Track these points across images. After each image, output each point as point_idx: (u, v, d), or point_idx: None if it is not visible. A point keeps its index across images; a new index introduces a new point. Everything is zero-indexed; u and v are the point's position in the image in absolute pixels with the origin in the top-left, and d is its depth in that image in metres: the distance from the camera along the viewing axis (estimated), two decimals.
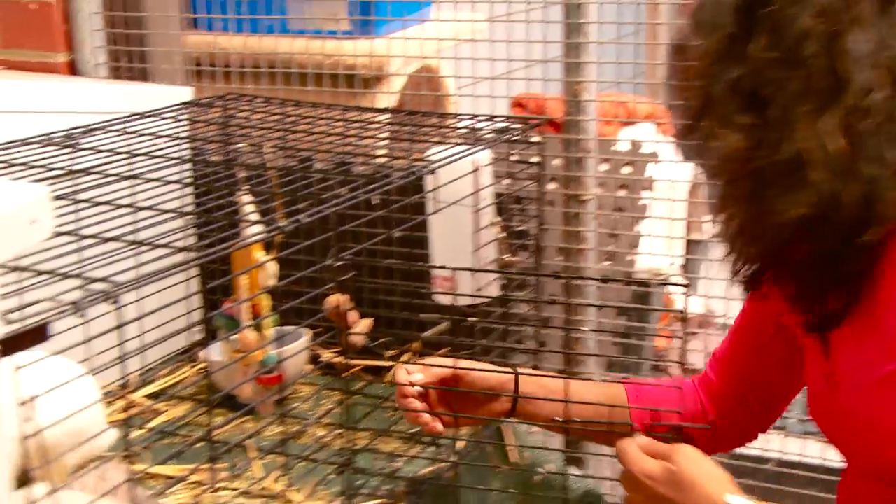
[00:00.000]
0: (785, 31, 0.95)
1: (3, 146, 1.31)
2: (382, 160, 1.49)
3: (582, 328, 1.76)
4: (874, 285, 0.98)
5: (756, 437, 1.28)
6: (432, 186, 1.41)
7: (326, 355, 1.65)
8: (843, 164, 0.93)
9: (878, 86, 0.93)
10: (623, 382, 1.26)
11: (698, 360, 1.89)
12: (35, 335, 0.62)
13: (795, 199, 0.94)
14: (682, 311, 1.12)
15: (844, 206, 0.94)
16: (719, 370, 1.24)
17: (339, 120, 1.58)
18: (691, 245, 2.20)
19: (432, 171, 1.31)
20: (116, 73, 1.99)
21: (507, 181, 1.63)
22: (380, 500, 1.28)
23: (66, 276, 0.78)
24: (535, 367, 1.52)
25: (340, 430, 1.35)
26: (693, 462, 1.02)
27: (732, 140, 0.97)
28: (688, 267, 2.14)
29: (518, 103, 3.28)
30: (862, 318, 1.00)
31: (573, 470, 1.62)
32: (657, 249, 1.95)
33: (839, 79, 0.93)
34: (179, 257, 0.92)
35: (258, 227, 1.33)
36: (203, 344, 1.68)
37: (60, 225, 0.73)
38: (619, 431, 1.14)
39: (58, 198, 1.00)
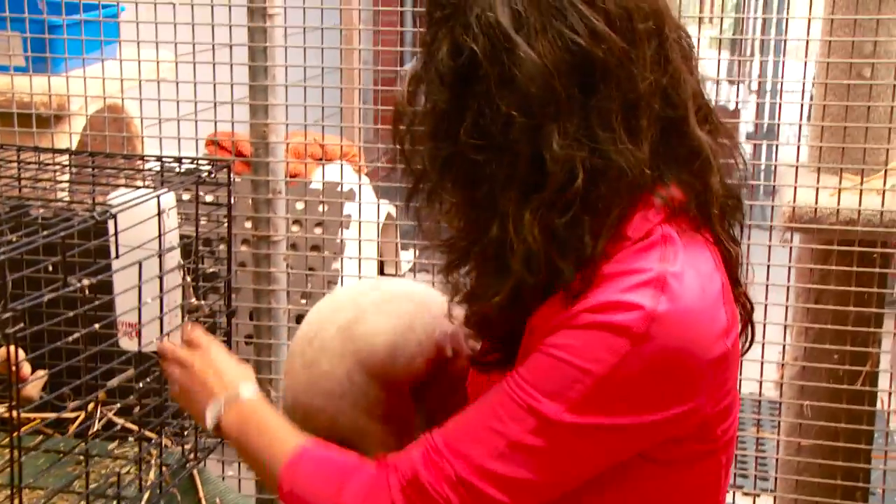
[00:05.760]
0: (491, 116, 0.92)
1: None
2: (62, 203, 1.43)
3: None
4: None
5: None
6: (114, 231, 1.36)
7: None
8: (538, 258, 0.93)
9: (572, 179, 0.92)
10: None
11: None
12: None
13: (497, 286, 0.96)
14: None
15: (528, 295, 0.96)
16: None
17: (12, 161, 1.49)
18: None
19: (113, 216, 1.27)
20: None
21: (202, 222, 1.61)
22: None
23: None
24: None
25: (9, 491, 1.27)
26: (220, 352, 1.19)
27: (447, 217, 0.99)
28: None
29: (213, 142, 3.24)
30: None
31: None
32: None
33: (541, 170, 0.92)
34: None
35: None
36: None
37: None
38: None
39: None
